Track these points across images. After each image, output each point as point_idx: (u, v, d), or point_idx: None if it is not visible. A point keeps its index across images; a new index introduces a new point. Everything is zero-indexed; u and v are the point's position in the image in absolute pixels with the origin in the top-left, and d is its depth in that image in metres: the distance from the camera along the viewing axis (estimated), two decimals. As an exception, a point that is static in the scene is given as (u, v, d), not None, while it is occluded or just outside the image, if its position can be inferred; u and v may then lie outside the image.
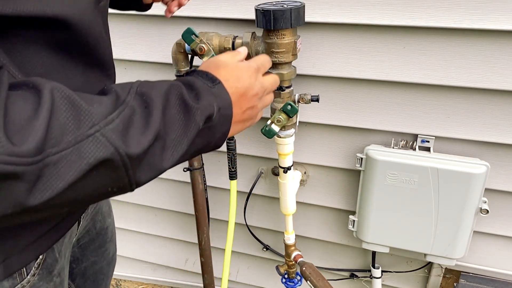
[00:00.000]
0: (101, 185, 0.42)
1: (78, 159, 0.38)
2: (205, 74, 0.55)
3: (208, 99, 0.51)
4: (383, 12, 0.95)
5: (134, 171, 0.43)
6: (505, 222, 1.12)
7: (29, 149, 0.35)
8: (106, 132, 0.40)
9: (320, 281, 1.12)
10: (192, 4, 1.10)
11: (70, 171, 0.37)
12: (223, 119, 0.53)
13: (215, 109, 0.51)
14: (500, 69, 0.93)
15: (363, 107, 1.09)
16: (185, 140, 0.48)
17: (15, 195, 0.35)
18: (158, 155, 0.45)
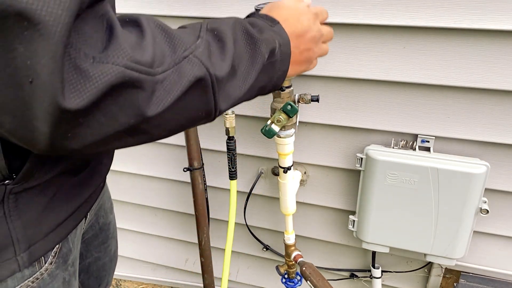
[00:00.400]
0: (195, 107, 0.46)
1: (179, 77, 0.42)
2: (265, 16, 0.59)
3: (270, 33, 0.55)
4: (383, 12, 0.95)
5: (219, 95, 0.47)
6: (505, 222, 1.12)
7: (147, 60, 0.39)
8: (197, 54, 0.45)
9: (320, 281, 1.12)
10: (192, 4, 1.10)
11: (175, 87, 0.42)
12: (284, 56, 0.56)
13: (277, 44, 0.55)
14: (500, 69, 0.93)
15: (363, 107, 1.09)
16: (253, 71, 0.52)
17: (138, 104, 0.39)
18: (233, 83, 0.49)
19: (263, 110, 1.20)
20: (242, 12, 1.06)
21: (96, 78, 0.36)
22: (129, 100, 0.39)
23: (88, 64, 0.36)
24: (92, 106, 0.37)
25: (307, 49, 0.61)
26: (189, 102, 0.44)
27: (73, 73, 0.35)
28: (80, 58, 0.35)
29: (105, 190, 0.86)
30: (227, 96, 0.49)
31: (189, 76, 0.43)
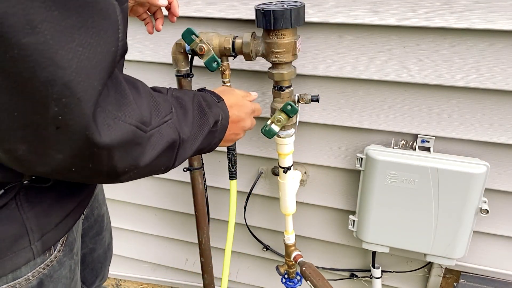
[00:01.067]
0: (163, 162, 0.56)
1: (161, 137, 0.53)
2: (213, 93, 0.73)
3: (216, 109, 0.68)
4: (383, 12, 0.95)
5: (178, 153, 0.58)
6: (505, 222, 1.12)
7: (146, 120, 0.50)
8: (173, 120, 0.56)
9: (320, 281, 1.12)
10: (192, 4, 1.10)
11: (158, 144, 0.53)
12: (222, 128, 0.70)
13: (219, 117, 0.68)
14: (500, 69, 0.93)
15: (363, 107, 1.09)
16: (200, 137, 0.63)
17: (136, 155, 0.50)
18: (187, 145, 0.60)
19: (263, 110, 1.19)
20: (242, 11, 1.06)
21: (116, 130, 0.46)
22: (132, 151, 0.50)
23: (111, 120, 0.46)
24: (111, 146, 0.46)
25: (235, 134, 0.77)
26: (162, 158, 0.55)
27: (103, 120, 0.45)
28: (106, 115, 0.45)
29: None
30: (182, 156, 0.59)
31: (167, 138, 0.54)
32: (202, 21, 1.12)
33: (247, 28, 1.08)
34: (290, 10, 0.86)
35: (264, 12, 0.87)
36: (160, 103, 0.54)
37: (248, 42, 0.94)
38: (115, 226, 1.69)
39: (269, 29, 0.89)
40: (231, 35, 0.97)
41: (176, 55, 1.01)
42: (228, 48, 0.95)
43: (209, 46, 0.90)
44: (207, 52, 0.89)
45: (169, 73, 1.26)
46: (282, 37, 0.90)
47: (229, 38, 0.95)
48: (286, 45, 0.91)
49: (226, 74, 1.00)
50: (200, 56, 0.91)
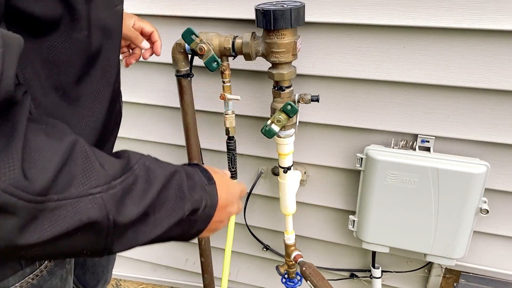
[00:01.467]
0: (80, 245, 0.43)
1: (73, 213, 0.39)
2: (205, 171, 0.59)
3: (200, 193, 0.55)
4: (383, 12, 0.95)
5: (112, 239, 0.44)
6: (505, 222, 1.12)
7: (36, 188, 0.36)
8: (106, 196, 0.42)
9: (320, 281, 1.12)
10: (192, 4, 1.10)
11: (62, 222, 0.38)
12: (205, 217, 0.56)
13: (202, 204, 0.55)
14: (500, 69, 0.93)
15: (363, 107, 1.09)
16: (165, 222, 0.49)
17: (6, 230, 0.36)
18: (140, 228, 0.46)
19: (263, 110, 1.20)
20: (242, 11, 1.06)
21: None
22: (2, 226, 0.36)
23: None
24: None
25: (220, 221, 0.62)
26: (75, 239, 0.41)
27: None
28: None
29: None
30: (126, 240, 0.46)
31: (82, 216, 0.40)
32: (202, 21, 1.12)
33: (247, 28, 1.08)
34: (290, 10, 0.86)
35: (264, 12, 0.87)
36: (98, 170, 0.42)
37: (248, 42, 0.94)
38: (115, 226, 1.69)
39: (269, 29, 0.89)
40: (231, 35, 0.97)
41: (176, 55, 1.01)
42: (228, 48, 0.95)
43: (209, 46, 0.90)
44: (207, 52, 0.90)
45: (169, 73, 1.26)
46: (282, 37, 0.90)
47: (229, 38, 0.95)
48: (286, 45, 0.91)
49: (226, 74, 1.00)
50: (200, 56, 0.91)
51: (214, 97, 1.21)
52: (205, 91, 1.24)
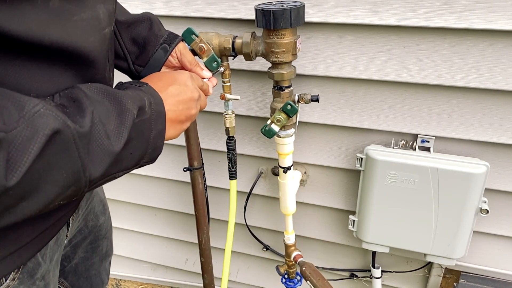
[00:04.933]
0: (57, 167, 0.41)
1: (32, 133, 0.38)
2: (133, 81, 0.58)
3: (136, 92, 0.53)
4: (383, 12, 0.95)
5: (85, 153, 0.43)
6: (505, 222, 1.12)
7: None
8: (50, 107, 0.40)
9: (320, 281, 1.12)
10: (192, 4, 1.10)
11: (30, 144, 0.38)
12: (157, 115, 0.54)
13: (145, 101, 0.53)
14: (500, 69, 0.93)
15: (363, 107, 1.09)
16: (124, 129, 0.48)
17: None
18: (102, 142, 0.45)
19: (263, 110, 1.20)
20: (242, 11, 1.06)
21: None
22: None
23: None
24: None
25: (186, 108, 0.61)
26: (51, 160, 0.40)
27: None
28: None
29: (95, 194, 0.84)
30: (97, 156, 0.45)
31: (44, 130, 0.38)
32: (202, 21, 1.12)
33: (247, 28, 1.08)
34: (290, 10, 0.86)
35: (264, 12, 0.87)
36: (25, 97, 0.40)
37: (248, 42, 0.94)
38: (115, 226, 1.69)
39: (269, 29, 0.89)
40: (231, 35, 0.97)
41: (176, 55, 1.01)
42: (228, 48, 0.95)
43: (209, 46, 0.90)
44: (207, 52, 0.89)
45: (169, 73, 1.26)
46: (282, 37, 0.90)
47: (229, 38, 0.95)
48: (286, 45, 0.91)
49: (226, 74, 1.00)
50: (200, 56, 0.91)
51: (214, 97, 1.21)
52: (205, 91, 1.24)
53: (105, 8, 0.56)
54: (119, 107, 0.49)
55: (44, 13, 0.44)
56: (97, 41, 0.53)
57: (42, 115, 0.39)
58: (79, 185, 0.44)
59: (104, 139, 0.45)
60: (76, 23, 0.48)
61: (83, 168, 0.43)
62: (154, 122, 0.54)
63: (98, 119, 0.45)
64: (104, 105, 0.48)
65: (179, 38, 0.77)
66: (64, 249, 0.79)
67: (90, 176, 0.45)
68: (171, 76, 0.62)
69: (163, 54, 0.74)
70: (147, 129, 0.52)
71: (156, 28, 0.76)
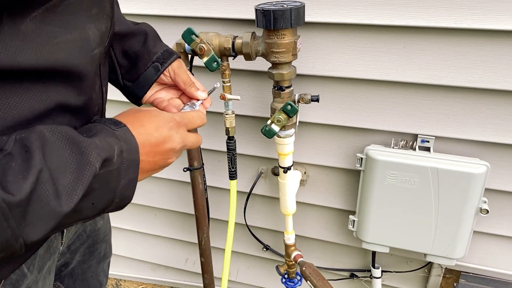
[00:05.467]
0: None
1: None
2: (110, 120, 0.53)
3: (107, 139, 0.48)
4: (384, 12, 0.95)
5: (17, 222, 0.39)
6: (505, 222, 1.12)
7: None
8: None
9: (320, 281, 1.12)
10: (192, 4, 1.10)
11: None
12: (128, 164, 0.49)
13: (115, 151, 0.47)
14: (500, 69, 0.93)
15: (363, 107, 1.09)
16: (79, 185, 0.43)
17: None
18: (46, 203, 0.41)
19: (263, 110, 1.20)
20: (242, 11, 1.06)
21: None
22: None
23: None
24: None
25: (163, 159, 0.56)
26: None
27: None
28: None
29: None
30: (38, 219, 0.41)
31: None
32: (202, 21, 1.12)
33: (247, 28, 1.08)
34: (290, 10, 0.86)
35: (264, 12, 0.87)
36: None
37: (248, 42, 0.94)
38: (115, 226, 1.69)
39: (269, 29, 0.89)
40: (231, 35, 0.97)
41: (176, 55, 1.01)
42: (228, 48, 0.95)
43: (209, 46, 0.90)
44: (207, 52, 0.89)
45: (169, 73, 1.26)
46: (282, 37, 0.90)
47: (229, 38, 0.95)
48: (286, 45, 0.91)
49: (226, 74, 1.00)
50: (200, 56, 0.91)
51: (214, 97, 1.21)
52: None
53: (96, 28, 0.53)
54: (80, 159, 0.44)
55: (14, 39, 0.42)
56: (84, 62, 0.51)
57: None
58: (11, 250, 0.41)
59: (51, 199, 0.41)
60: (58, 45, 0.46)
61: (14, 236, 0.40)
62: (124, 171, 0.49)
63: (48, 177, 0.41)
64: (63, 156, 0.43)
65: (173, 57, 0.72)
66: (64, 256, 0.78)
67: (25, 241, 0.41)
68: (156, 122, 0.55)
69: (154, 73, 0.70)
70: (113, 180, 0.48)
71: (151, 43, 0.71)
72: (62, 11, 0.46)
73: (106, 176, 0.46)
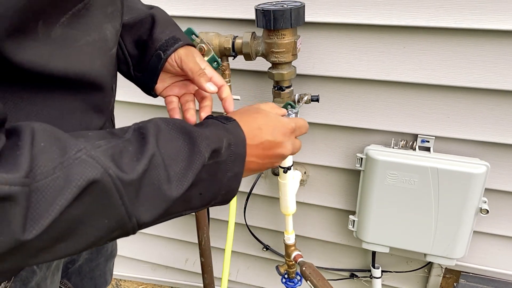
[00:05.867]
0: (96, 215, 0.39)
1: (65, 183, 0.36)
2: (222, 116, 0.54)
3: (216, 132, 0.49)
4: (383, 12, 0.95)
5: (131, 200, 0.40)
6: (505, 222, 1.12)
7: (19, 173, 0.34)
8: (93, 153, 0.38)
9: (320, 281, 1.12)
10: (192, 4, 1.10)
11: (58, 196, 0.35)
12: (235, 157, 0.50)
13: (223, 143, 0.49)
14: (500, 69, 0.93)
15: (363, 107, 1.09)
16: (189, 172, 0.45)
17: (11, 225, 0.33)
18: (158, 187, 0.42)
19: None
20: (242, 11, 1.06)
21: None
22: (1, 218, 0.32)
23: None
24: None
25: (271, 162, 0.57)
26: (87, 209, 0.38)
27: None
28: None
29: None
30: (150, 202, 0.42)
31: (77, 180, 0.36)
32: (202, 21, 1.12)
33: (247, 28, 1.08)
34: (290, 10, 0.86)
35: (264, 12, 0.87)
36: (70, 141, 0.38)
37: (248, 42, 0.94)
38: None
39: (269, 29, 0.89)
40: (231, 35, 0.97)
41: (176, 55, 1.01)
42: (228, 48, 0.95)
43: (209, 46, 0.90)
44: (207, 52, 0.90)
45: (169, 73, 1.26)
46: (282, 37, 0.90)
47: (229, 38, 0.95)
48: (286, 45, 0.91)
49: (226, 74, 1.00)
50: (200, 56, 0.91)
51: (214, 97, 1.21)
52: (205, 91, 1.23)
53: (112, 27, 0.53)
54: (191, 148, 0.46)
55: (46, 45, 0.42)
56: (105, 64, 0.52)
57: (82, 162, 0.37)
58: (125, 229, 0.42)
59: (162, 183, 0.43)
60: (81, 48, 0.47)
61: (128, 215, 0.41)
62: (231, 164, 0.50)
63: (160, 162, 0.43)
64: (175, 144, 0.45)
65: (179, 43, 0.67)
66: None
67: (138, 221, 0.42)
68: (272, 126, 0.56)
69: (157, 62, 0.67)
70: (220, 171, 0.49)
71: (158, 30, 0.68)
72: (84, 14, 0.47)
73: (214, 167, 0.48)
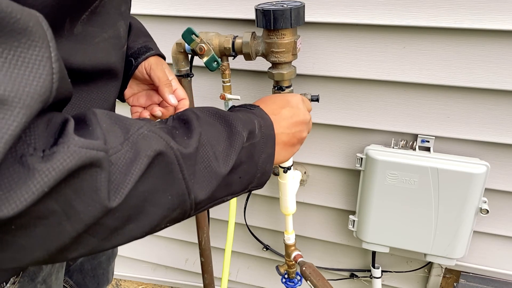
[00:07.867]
0: (161, 192, 0.40)
1: (135, 155, 0.38)
2: (245, 104, 0.58)
3: (247, 115, 0.52)
4: (384, 12, 0.95)
5: (190, 175, 0.42)
6: (505, 222, 1.12)
7: (99, 143, 0.35)
8: (155, 129, 0.41)
9: (320, 281, 1.12)
10: (192, 4, 1.10)
11: (133, 166, 0.37)
12: (266, 139, 0.52)
13: (256, 124, 0.51)
14: (500, 69, 0.93)
15: (363, 107, 1.09)
16: (232, 152, 0.47)
17: (99, 192, 0.35)
18: (208, 164, 0.44)
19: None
20: (242, 11, 1.06)
21: (45, 173, 0.31)
22: (90, 185, 0.34)
23: (35, 160, 0.30)
24: (34, 209, 0.31)
25: (299, 131, 0.59)
26: (154, 182, 0.39)
27: (17, 170, 0.30)
28: (28, 153, 0.30)
29: None
30: (203, 178, 0.44)
31: (146, 151, 0.38)
32: (202, 21, 1.12)
33: (247, 28, 1.08)
34: (290, 10, 0.86)
35: (264, 12, 0.87)
36: (132, 121, 0.41)
37: (248, 42, 0.94)
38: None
39: (269, 29, 0.89)
40: (231, 35, 0.97)
41: (176, 55, 1.01)
42: (228, 48, 0.95)
43: (209, 46, 0.90)
44: (207, 52, 0.89)
45: (169, 73, 1.26)
46: (282, 37, 0.90)
47: (229, 38, 0.95)
48: (286, 45, 0.91)
49: (226, 74, 1.00)
50: (200, 56, 0.91)
51: (214, 97, 1.21)
52: (205, 91, 1.24)
53: (125, 24, 0.55)
54: (229, 130, 0.48)
55: (69, 41, 0.44)
56: (118, 59, 0.53)
57: (145, 137, 0.40)
58: (184, 207, 0.44)
59: (212, 161, 0.45)
60: (98, 45, 0.48)
61: (187, 190, 0.43)
62: (264, 145, 0.52)
63: (207, 141, 0.45)
64: (215, 127, 0.47)
65: (150, 52, 0.70)
66: None
67: (195, 199, 0.44)
68: (284, 99, 0.61)
69: (127, 69, 0.69)
70: (256, 153, 0.51)
71: (132, 38, 0.71)
72: (101, 11, 0.48)
73: (250, 148, 0.50)
